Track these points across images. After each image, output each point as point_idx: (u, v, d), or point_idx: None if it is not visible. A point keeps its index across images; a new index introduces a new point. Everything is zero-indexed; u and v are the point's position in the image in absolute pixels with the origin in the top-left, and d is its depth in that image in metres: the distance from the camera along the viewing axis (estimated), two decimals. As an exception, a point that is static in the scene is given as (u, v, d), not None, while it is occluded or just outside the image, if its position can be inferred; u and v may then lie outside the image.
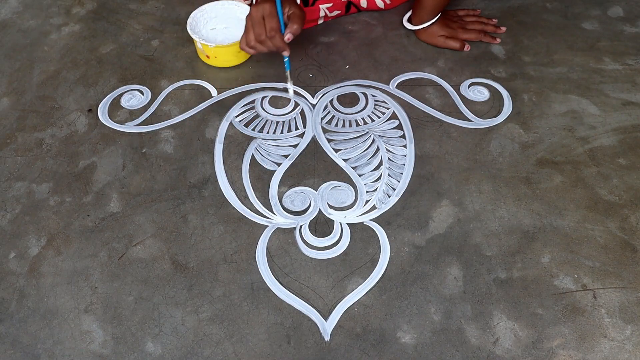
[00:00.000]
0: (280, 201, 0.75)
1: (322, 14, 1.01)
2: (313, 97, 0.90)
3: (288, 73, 0.79)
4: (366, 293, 0.66)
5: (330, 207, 0.75)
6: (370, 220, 0.73)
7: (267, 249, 0.70)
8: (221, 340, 0.62)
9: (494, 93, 0.90)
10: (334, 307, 0.65)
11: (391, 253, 0.70)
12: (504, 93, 0.89)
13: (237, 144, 0.83)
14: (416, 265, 0.68)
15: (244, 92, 0.91)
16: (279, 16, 0.73)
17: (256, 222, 0.73)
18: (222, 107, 0.88)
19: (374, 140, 0.83)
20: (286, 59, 0.80)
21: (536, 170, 0.78)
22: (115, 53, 0.98)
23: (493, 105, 0.88)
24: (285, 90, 0.91)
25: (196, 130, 0.85)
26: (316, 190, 0.76)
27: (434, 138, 0.83)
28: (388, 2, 1.04)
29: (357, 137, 0.83)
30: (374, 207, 0.74)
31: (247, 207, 0.75)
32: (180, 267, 0.69)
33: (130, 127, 0.85)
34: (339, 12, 1.03)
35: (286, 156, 0.81)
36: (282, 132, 0.84)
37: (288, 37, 0.75)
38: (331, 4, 1.00)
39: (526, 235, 0.71)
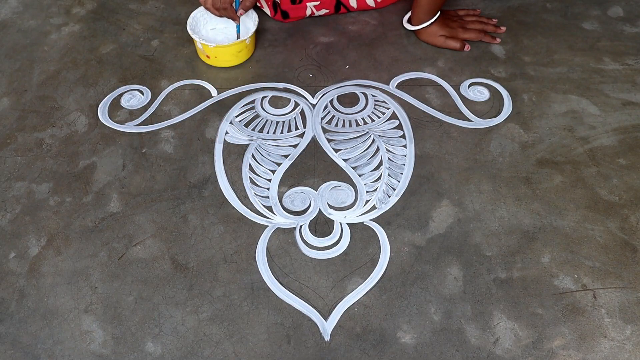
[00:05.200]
0: (280, 201, 0.75)
1: (308, 12, 1.01)
2: (313, 97, 0.90)
3: (238, 35, 0.94)
4: (366, 293, 0.66)
5: (330, 207, 0.75)
6: (370, 220, 0.73)
7: (267, 249, 0.70)
8: (221, 340, 0.62)
9: (494, 93, 0.90)
10: (334, 307, 0.65)
11: (391, 253, 0.70)
12: (504, 93, 0.89)
13: (237, 144, 0.83)
14: (416, 265, 0.68)
15: (244, 92, 0.91)
16: None
17: (256, 222, 0.73)
18: (222, 107, 0.88)
19: (374, 140, 0.83)
20: (237, 26, 0.93)
21: (536, 170, 0.78)
22: (115, 53, 0.98)
23: (493, 105, 0.88)
24: (286, 90, 0.91)
25: (196, 130, 0.85)
26: (316, 190, 0.76)
27: (434, 138, 0.83)
28: (379, 0, 1.04)
29: (357, 137, 0.83)
30: (374, 207, 0.74)
31: (247, 207, 0.75)
32: (180, 267, 0.69)
33: (130, 127, 0.85)
34: (327, 11, 1.02)
35: (286, 156, 0.81)
36: (282, 132, 0.84)
37: (240, 12, 0.90)
38: (318, 2, 1.00)
39: (526, 235, 0.71)
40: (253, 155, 0.81)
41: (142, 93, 0.91)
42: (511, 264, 0.68)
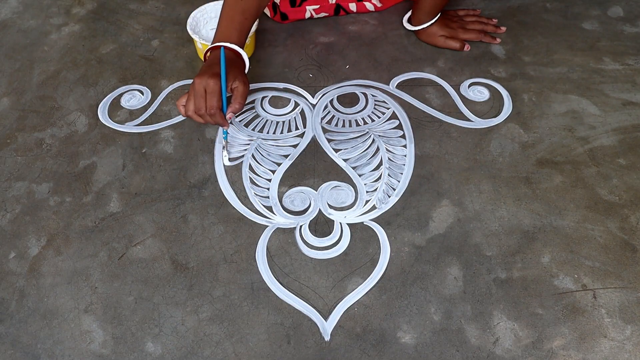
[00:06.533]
0: (280, 201, 0.75)
1: (307, 15, 1.01)
2: (313, 97, 0.90)
3: (225, 142, 0.79)
4: (366, 293, 0.66)
5: (330, 207, 0.75)
6: (370, 220, 0.73)
7: (267, 249, 0.70)
8: (221, 340, 0.62)
9: (494, 93, 0.90)
10: (334, 307, 0.65)
11: (391, 253, 0.70)
12: (504, 93, 0.89)
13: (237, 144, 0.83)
14: (416, 265, 0.68)
15: (244, 92, 0.91)
16: (223, 94, 0.72)
17: (256, 222, 0.73)
18: (222, 107, 0.88)
19: (374, 140, 0.83)
20: (225, 131, 0.79)
21: (536, 170, 0.78)
22: (115, 53, 0.98)
23: (493, 105, 0.88)
24: (286, 90, 0.91)
25: (196, 130, 0.85)
26: (316, 190, 0.76)
27: (434, 138, 0.83)
28: (379, 5, 1.04)
29: (357, 137, 0.83)
30: (374, 207, 0.74)
31: (247, 207, 0.75)
32: (180, 267, 0.69)
33: (130, 127, 0.85)
34: (326, 14, 1.03)
35: (286, 156, 0.81)
36: (282, 132, 0.84)
37: (229, 116, 0.74)
38: (318, 6, 1.00)
39: (526, 235, 0.71)
40: (253, 155, 0.81)
41: (142, 93, 0.91)
42: (511, 264, 0.68)
